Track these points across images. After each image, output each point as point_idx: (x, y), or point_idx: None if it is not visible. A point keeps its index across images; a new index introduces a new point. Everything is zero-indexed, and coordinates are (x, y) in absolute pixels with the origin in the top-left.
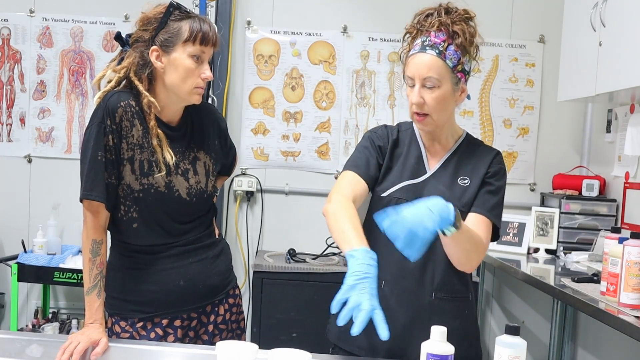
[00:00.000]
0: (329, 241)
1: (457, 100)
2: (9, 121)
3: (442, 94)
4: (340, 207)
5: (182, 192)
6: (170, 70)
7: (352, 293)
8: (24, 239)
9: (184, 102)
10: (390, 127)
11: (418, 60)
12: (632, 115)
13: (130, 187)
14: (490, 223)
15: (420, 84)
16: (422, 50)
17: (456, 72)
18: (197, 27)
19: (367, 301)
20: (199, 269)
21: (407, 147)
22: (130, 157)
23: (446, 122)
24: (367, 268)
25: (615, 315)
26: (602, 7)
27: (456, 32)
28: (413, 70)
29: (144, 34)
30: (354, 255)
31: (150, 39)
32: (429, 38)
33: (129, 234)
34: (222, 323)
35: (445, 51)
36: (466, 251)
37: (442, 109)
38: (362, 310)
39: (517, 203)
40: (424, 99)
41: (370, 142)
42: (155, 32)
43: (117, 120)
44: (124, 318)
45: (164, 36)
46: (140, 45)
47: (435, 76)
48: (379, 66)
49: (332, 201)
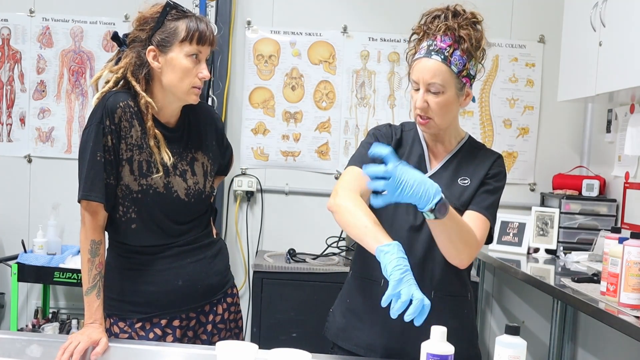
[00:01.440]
0: (329, 241)
1: (462, 104)
2: (9, 121)
3: (446, 99)
4: (353, 202)
5: (180, 193)
6: (168, 70)
7: (402, 286)
8: (24, 239)
9: (182, 102)
10: (394, 126)
11: (423, 65)
12: (632, 115)
13: (129, 187)
14: (486, 221)
15: (424, 88)
16: (428, 55)
17: (461, 77)
18: (193, 27)
19: (418, 292)
20: (197, 269)
21: (410, 147)
22: (129, 158)
23: (449, 124)
24: (405, 261)
25: (615, 315)
26: (602, 7)
27: (462, 37)
28: (418, 75)
29: (140, 34)
30: (387, 250)
31: (147, 39)
32: (434, 42)
33: (127, 234)
34: (220, 322)
35: (450, 57)
36: (453, 242)
37: (445, 113)
38: (416, 299)
39: (517, 203)
40: (428, 104)
41: (375, 140)
42: (152, 32)
43: (116, 121)
44: (122, 318)
45: (160, 36)
46: (137, 45)
47: (439, 82)
48: (379, 66)
49: (340, 195)
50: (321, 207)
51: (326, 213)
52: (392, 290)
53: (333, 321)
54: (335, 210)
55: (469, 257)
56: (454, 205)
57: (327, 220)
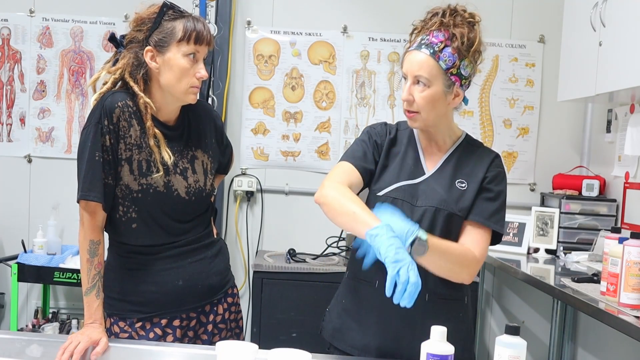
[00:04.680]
0: (329, 241)
1: (451, 103)
2: (9, 121)
3: (431, 93)
4: (339, 191)
5: (180, 192)
6: (165, 70)
7: (399, 265)
8: (24, 239)
9: (180, 102)
10: (389, 125)
11: (411, 57)
12: (632, 115)
13: (128, 187)
14: (487, 231)
15: (411, 81)
16: (418, 48)
17: (449, 74)
18: (191, 27)
19: (415, 276)
20: (198, 268)
21: (405, 147)
22: (128, 158)
23: (439, 122)
24: (397, 241)
25: (615, 315)
26: (602, 7)
27: (455, 34)
28: (406, 67)
29: (138, 35)
30: (377, 233)
31: (145, 39)
32: (427, 37)
33: (127, 234)
34: (221, 322)
35: (440, 52)
36: (446, 269)
37: (430, 109)
38: (411, 285)
39: (517, 203)
40: (413, 97)
41: (368, 137)
42: (149, 32)
43: (115, 121)
44: (122, 318)
45: (158, 36)
46: (134, 46)
47: (425, 75)
48: (379, 66)
49: (326, 187)
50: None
51: None
52: (392, 272)
53: (329, 321)
54: (322, 201)
55: (469, 275)
56: (451, 210)
57: (327, 220)
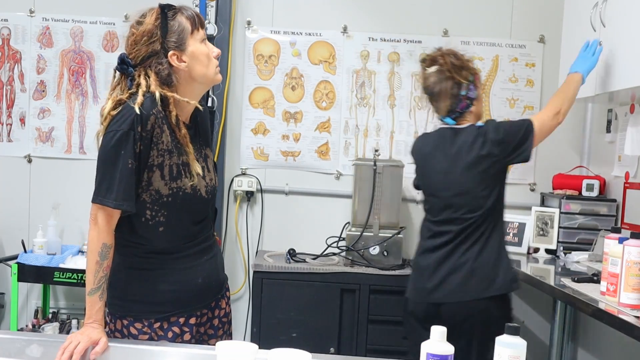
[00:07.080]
0: (329, 241)
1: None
2: (9, 121)
3: None
4: (555, 101)
5: (202, 192)
6: (194, 64)
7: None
8: (24, 239)
9: (209, 86)
10: None
11: None
12: (632, 115)
13: (159, 192)
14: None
15: None
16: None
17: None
18: (191, 15)
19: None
20: (212, 265)
21: None
22: (160, 164)
23: None
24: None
25: (615, 315)
26: (602, 7)
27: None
28: None
29: (153, 47)
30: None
31: (161, 47)
32: None
33: (152, 237)
34: (224, 316)
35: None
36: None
37: None
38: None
39: (517, 203)
40: None
41: None
42: (162, 39)
43: (149, 128)
44: (138, 319)
45: (173, 38)
46: (153, 59)
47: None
48: (379, 66)
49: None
50: (321, 207)
51: (326, 213)
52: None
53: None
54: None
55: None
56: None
57: (327, 220)
